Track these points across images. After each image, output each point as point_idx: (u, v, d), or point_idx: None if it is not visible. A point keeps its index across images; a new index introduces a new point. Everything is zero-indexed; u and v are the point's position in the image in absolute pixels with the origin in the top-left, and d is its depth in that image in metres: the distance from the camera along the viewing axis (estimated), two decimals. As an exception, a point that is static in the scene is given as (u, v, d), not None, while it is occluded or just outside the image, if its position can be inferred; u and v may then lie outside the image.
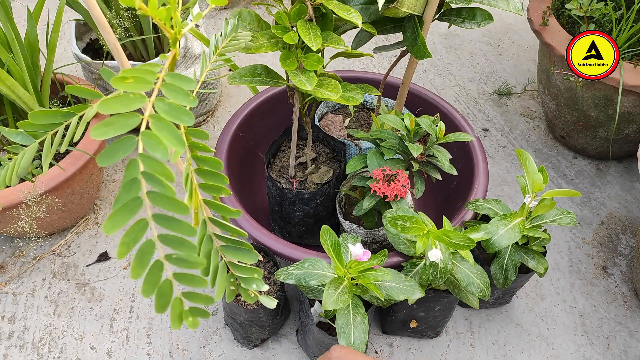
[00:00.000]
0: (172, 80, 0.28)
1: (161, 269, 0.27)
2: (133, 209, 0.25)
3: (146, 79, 0.27)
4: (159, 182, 0.25)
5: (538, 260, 0.79)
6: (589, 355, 0.92)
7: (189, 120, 0.27)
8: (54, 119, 0.33)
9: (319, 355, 0.84)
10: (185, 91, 0.27)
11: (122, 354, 0.90)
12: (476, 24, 0.74)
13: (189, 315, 0.30)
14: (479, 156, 0.94)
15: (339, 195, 0.89)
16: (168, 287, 0.28)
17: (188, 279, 0.29)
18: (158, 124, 0.26)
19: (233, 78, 0.69)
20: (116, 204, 0.25)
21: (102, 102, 0.25)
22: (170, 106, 0.27)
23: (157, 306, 0.28)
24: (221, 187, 0.34)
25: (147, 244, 0.26)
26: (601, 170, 1.22)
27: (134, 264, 0.26)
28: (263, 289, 0.40)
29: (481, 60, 1.51)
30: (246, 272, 0.40)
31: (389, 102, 1.03)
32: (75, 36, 1.13)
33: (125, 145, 0.25)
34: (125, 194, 0.25)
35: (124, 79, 0.26)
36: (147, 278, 0.27)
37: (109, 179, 1.17)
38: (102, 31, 0.44)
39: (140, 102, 0.26)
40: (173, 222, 0.26)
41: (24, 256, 1.03)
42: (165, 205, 0.26)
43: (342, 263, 0.65)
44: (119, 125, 0.25)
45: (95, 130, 0.25)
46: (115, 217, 0.25)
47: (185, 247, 0.27)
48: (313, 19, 0.64)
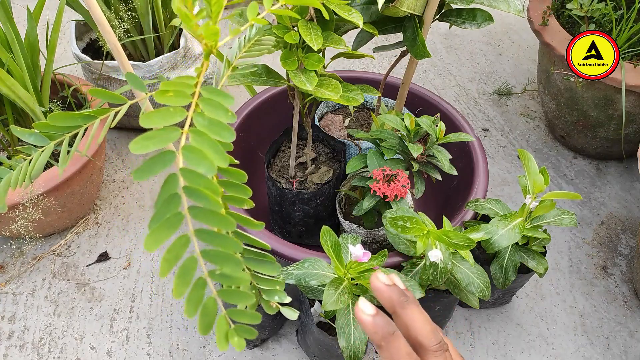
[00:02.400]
0: (210, 95, 0.27)
1: (204, 286, 0.26)
2: (174, 224, 0.24)
3: (185, 93, 0.26)
4: (204, 196, 0.24)
5: (538, 261, 0.79)
6: (589, 355, 0.92)
7: (230, 137, 0.26)
8: (74, 121, 0.32)
9: (319, 355, 0.84)
10: (224, 107, 0.27)
11: (122, 354, 0.90)
12: (476, 25, 0.74)
13: (234, 335, 0.28)
14: (479, 156, 0.94)
15: (339, 195, 0.89)
16: (212, 306, 0.27)
17: (234, 295, 0.28)
18: (199, 138, 0.25)
19: (233, 78, 0.69)
20: (154, 221, 0.24)
21: (144, 116, 0.25)
22: (210, 121, 0.26)
23: (201, 327, 0.26)
24: (244, 199, 0.33)
25: (189, 261, 0.25)
26: (601, 170, 1.22)
27: (177, 282, 0.25)
28: (285, 301, 0.39)
29: (481, 60, 1.51)
30: (269, 284, 0.40)
31: (389, 102, 1.03)
32: (75, 36, 1.13)
33: (164, 159, 0.25)
34: (165, 210, 0.24)
35: (165, 92, 0.26)
36: (190, 296, 0.26)
37: (109, 179, 1.17)
38: (102, 31, 0.44)
39: (180, 116, 0.25)
40: (217, 237, 0.25)
41: (24, 256, 1.03)
42: (210, 220, 0.25)
43: (342, 263, 0.65)
44: (160, 139, 0.25)
45: (135, 144, 0.24)
46: (156, 234, 0.24)
47: (230, 262, 0.25)
48: (314, 19, 0.64)
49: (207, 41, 0.30)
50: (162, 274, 0.24)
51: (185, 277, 0.25)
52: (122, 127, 1.26)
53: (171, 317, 0.95)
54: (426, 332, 0.35)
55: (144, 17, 1.08)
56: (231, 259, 0.26)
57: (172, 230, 0.24)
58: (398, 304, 0.36)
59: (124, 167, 1.20)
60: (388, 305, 0.36)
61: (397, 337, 0.34)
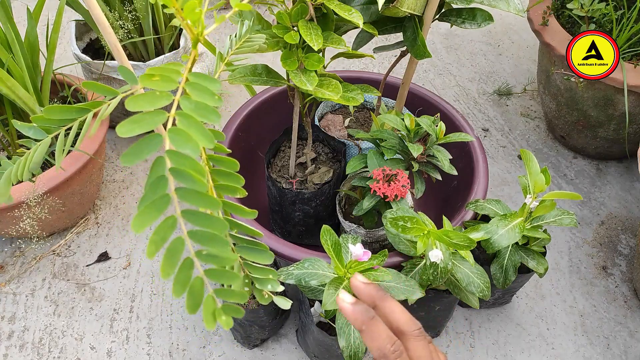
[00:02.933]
0: (197, 79, 0.28)
1: (191, 266, 0.27)
2: (161, 206, 0.25)
3: (172, 78, 0.27)
4: (190, 177, 0.25)
5: (538, 261, 0.79)
6: (589, 355, 0.92)
7: (216, 119, 0.26)
8: (69, 114, 0.32)
9: (319, 355, 0.84)
10: (211, 90, 0.27)
11: (122, 354, 0.90)
12: (476, 25, 0.74)
13: (221, 314, 0.29)
14: (479, 156, 0.94)
15: (339, 195, 0.89)
16: (199, 286, 0.27)
17: (220, 275, 0.28)
18: (185, 121, 0.26)
19: (233, 77, 0.69)
20: (142, 202, 0.24)
21: (130, 99, 0.25)
22: (196, 104, 0.26)
23: (189, 306, 0.27)
24: (237, 188, 0.33)
25: (176, 242, 0.26)
26: (601, 170, 1.22)
27: (164, 263, 0.25)
28: (278, 290, 0.39)
29: (481, 60, 1.51)
30: (261, 273, 0.40)
31: (389, 102, 1.03)
32: (75, 36, 1.13)
33: (151, 143, 0.25)
34: (152, 192, 0.25)
35: (150, 76, 0.26)
36: (178, 277, 0.26)
37: (109, 179, 1.17)
38: (102, 31, 0.44)
39: (166, 100, 0.26)
40: (203, 217, 0.26)
41: (24, 256, 1.03)
42: (196, 201, 0.25)
43: (342, 263, 0.65)
44: (146, 122, 0.25)
45: (122, 127, 0.24)
46: (143, 216, 0.24)
47: (217, 242, 0.26)
48: (314, 19, 0.64)
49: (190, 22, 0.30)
50: (149, 255, 0.24)
51: (173, 258, 0.25)
52: (122, 127, 1.26)
53: (171, 317, 0.95)
54: (405, 319, 0.38)
55: (144, 17, 1.08)
56: (218, 239, 0.26)
57: (159, 212, 0.24)
58: (377, 297, 0.39)
59: (124, 167, 1.20)
60: (368, 300, 0.39)
61: (376, 321, 0.37)
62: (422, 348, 0.36)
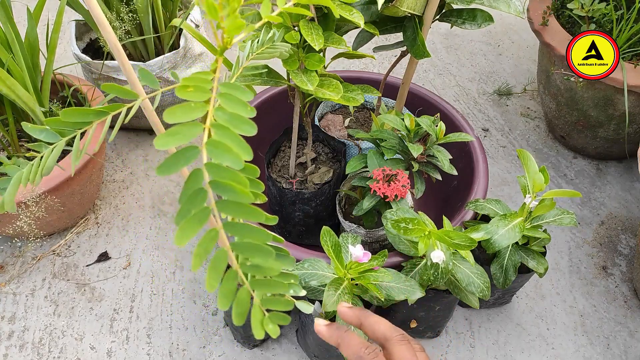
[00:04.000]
0: (228, 89, 0.27)
1: (236, 278, 0.27)
2: (201, 219, 0.24)
3: (205, 87, 0.26)
4: (232, 189, 0.24)
5: (538, 260, 0.79)
6: (589, 355, 0.92)
7: (251, 130, 0.26)
8: (87, 117, 0.32)
9: (319, 355, 0.84)
10: (243, 101, 0.27)
11: (122, 354, 0.90)
12: (476, 25, 0.74)
13: (269, 322, 0.29)
14: (479, 156, 0.94)
15: (339, 195, 0.89)
16: (246, 296, 0.27)
17: (266, 284, 0.28)
18: (221, 132, 0.25)
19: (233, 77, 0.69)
20: (181, 216, 0.24)
21: (168, 111, 0.25)
22: (231, 116, 0.26)
23: (236, 316, 0.27)
24: (257, 194, 0.33)
25: (219, 254, 0.26)
26: (601, 170, 1.22)
27: (209, 275, 0.25)
28: (301, 294, 0.39)
29: (481, 60, 1.51)
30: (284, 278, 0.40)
31: (389, 102, 1.03)
32: (75, 36, 1.13)
33: (187, 155, 0.25)
34: (190, 206, 0.24)
35: (185, 87, 0.26)
36: (223, 288, 0.26)
37: (109, 179, 1.17)
38: (102, 31, 0.44)
39: (201, 111, 0.26)
40: (246, 228, 0.26)
41: (23, 256, 1.03)
42: (239, 212, 0.25)
43: (342, 264, 0.65)
44: (184, 134, 0.25)
45: (159, 140, 0.24)
46: (184, 230, 0.24)
47: (261, 253, 0.26)
48: (315, 19, 0.64)
49: (227, 36, 0.30)
50: (194, 268, 0.24)
51: (217, 269, 0.25)
52: (121, 127, 1.26)
53: (171, 317, 0.95)
54: (388, 326, 0.42)
55: (144, 17, 1.08)
56: (261, 250, 0.26)
57: (200, 225, 0.24)
58: (361, 316, 0.43)
59: (124, 167, 1.20)
60: (354, 320, 0.44)
61: (349, 333, 0.42)
62: (406, 350, 0.40)
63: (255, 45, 0.52)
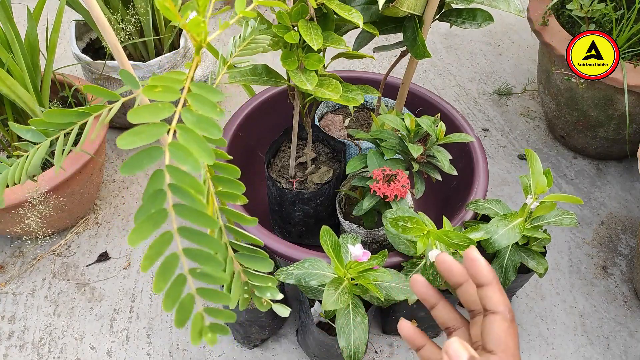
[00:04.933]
0: (199, 90, 0.27)
1: (183, 283, 0.27)
2: (158, 221, 0.25)
3: (174, 88, 0.26)
4: (188, 194, 0.25)
5: (538, 261, 0.78)
6: (589, 355, 0.92)
7: (217, 133, 0.26)
8: (69, 118, 0.32)
9: (319, 355, 0.84)
10: (212, 102, 0.27)
11: (122, 354, 0.90)
12: (476, 25, 0.74)
13: (208, 332, 0.29)
14: (479, 156, 0.94)
15: (339, 195, 0.89)
16: (189, 302, 0.27)
17: (212, 294, 0.28)
18: (186, 135, 0.25)
19: (233, 77, 0.69)
20: (139, 215, 0.24)
21: (132, 112, 0.25)
22: (198, 118, 0.26)
23: (177, 321, 0.27)
24: (238, 195, 0.33)
25: (170, 257, 0.26)
26: (601, 170, 1.22)
27: (157, 278, 0.25)
28: (277, 298, 0.39)
29: (481, 60, 1.51)
30: (261, 281, 0.40)
31: (389, 102, 1.03)
32: (75, 36, 1.13)
33: (151, 155, 0.25)
34: (150, 205, 0.24)
35: (153, 87, 0.26)
36: (169, 292, 0.26)
37: (109, 179, 1.17)
38: (102, 31, 0.44)
39: (168, 112, 0.26)
40: (200, 235, 0.26)
41: (24, 256, 1.03)
42: (193, 218, 0.25)
43: (342, 263, 0.65)
44: (147, 134, 0.25)
45: (122, 140, 0.24)
46: (140, 230, 0.24)
47: (211, 262, 0.26)
48: (314, 19, 0.64)
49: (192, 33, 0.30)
50: (143, 269, 0.25)
51: (166, 273, 0.25)
52: (121, 128, 1.26)
53: (171, 317, 0.95)
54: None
55: (144, 17, 1.08)
56: (212, 259, 0.26)
57: (155, 226, 0.25)
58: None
59: (124, 167, 1.20)
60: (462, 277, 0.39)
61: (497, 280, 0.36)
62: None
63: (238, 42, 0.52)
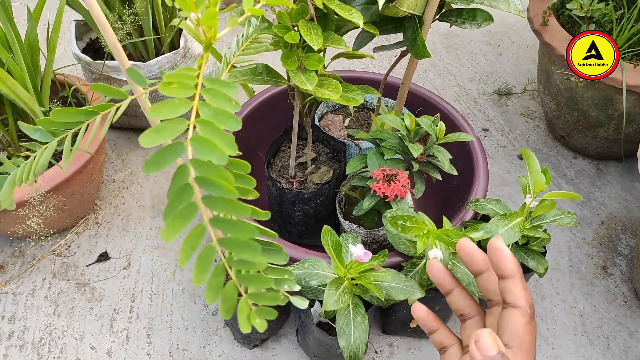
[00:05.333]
0: (213, 85, 0.27)
1: (223, 273, 0.27)
2: (188, 215, 0.25)
3: (188, 84, 0.26)
4: (217, 185, 0.25)
5: (538, 260, 0.78)
6: (589, 355, 0.92)
7: (236, 125, 0.26)
8: (77, 117, 0.32)
9: (319, 355, 0.84)
10: (228, 96, 0.27)
11: (122, 354, 0.90)
12: (476, 25, 0.74)
13: (256, 317, 0.29)
14: (479, 156, 0.94)
15: (339, 195, 0.89)
16: (233, 291, 0.27)
17: (252, 279, 0.28)
18: (206, 129, 0.25)
19: (234, 77, 0.69)
20: (168, 213, 0.24)
21: (152, 109, 0.25)
22: (215, 111, 0.26)
23: (223, 311, 0.27)
24: (249, 190, 0.33)
25: (206, 249, 0.26)
26: (601, 170, 1.22)
27: (196, 270, 0.25)
28: (295, 289, 0.39)
29: (481, 60, 1.51)
30: (277, 273, 0.40)
31: (389, 102, 1.03)
32: (75, 36, 1.13)
33: (173, 151, 0.25)
34: (177, 202, 0.24)
35: (169, 84, 0.26)
36: (210, 283, 0.26)
37: (109, 179, 1.17)
38: (102, 31, 0.44)
39: (185, 108, 0.26)
40: (232, 224, 0.26)
41: (23, 256, 1.03)
42: (225, 208, 0.25)
43: (342, 263, 0.65)
44: (169, 131, 0.25)
45: (144, 138, 0.24)
46: (171, 226, 0.24)
47: (247, 248, 0.26)
48: (314, 19, 0.64)
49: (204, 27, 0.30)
50: (181, 263, 0.25)
51: (204, 264, 0.26)
52: (121, 127, 1.26)
53: (171, 317, 0.95)
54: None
55: (144, 17, 1.08)
56: (248, 245, 0.26)
57: (187, 220, 0.25)
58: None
59: (124, 167, 1.20)
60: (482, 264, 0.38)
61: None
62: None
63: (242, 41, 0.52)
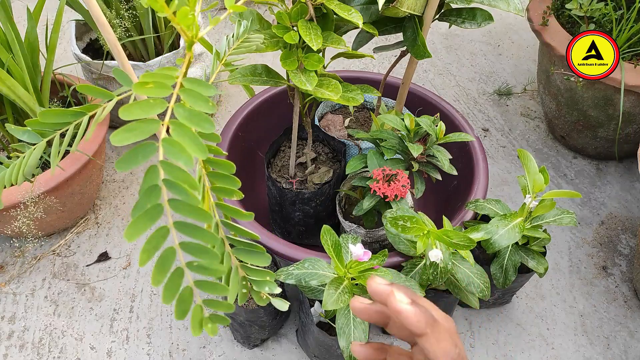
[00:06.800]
0: (191, 85, 0.27)
1: (182, 276, 0.27)
2: (153, 216, 0.25)
3: (166, 84, 0.27)
4: (182, 190, 0.25)
5: (538, 260, 0.78)
6: (589, 355, 0.92)
7: (210, 128, 0.26)
8: (64, 118, 0.32)
9: (319, 355, 0.84)
10: (205, 97, 0.27)
11: (122, 354, 0.90)
12: (476, 24, 0.74)
13: (208, 322, 0.30)
14: (479, 156, 0.94)
15: (339, 195, 0.89)
16: (188, 295, 0.28)
17: (209, 286, 0.29)
18: (179, 130, 0.25)
19: (234, 77, 0.69)
20: (135, 211, 0.25)
21: (123, 109, 0.25)
22: (190, 112, 0.26)
23: (177, 312, 0.28)
24: (234, 190, 0.33)
25: (168, 251, 0.26)
26: (601, 170, 1.22)
27: (155, 271, 0.26)
28: (276, 292, 0.39)
29: (481, 60, 1.51)
30: (259, 275, 0.40)
31: (389, 102, 1.03)
32: (75, 36, 1.13)
33: (145, 151, 0.25)
34: (145, 201, 0.25)
35: (144, 84, 0.26)
36: (168, 285, 0.27)
37: (109, 179, 1.17)
38: (102, 31, 0.44)
39: (160, 108, 0.26)
40: (195, 229, 0.26)
41: (23, 256, 1.03)
42: (188, 213, 0.25)
43: (342, 263, 0.65)
44: (140, 131, 0.25)
45: (116, 136, 0.25)
46: (136, 225, 0.25)
47: (207, 255, 0.27)
48: (314, 19, 0.64)
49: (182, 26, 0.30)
50: (141, 263, 0.25)
51: (164, 266, 0.26)
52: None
53: (171, 317, 0.95)
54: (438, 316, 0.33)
55: (144, 17, 1.08)
56: (208, 252, 0.26)
57: (152, 221, 0.25)
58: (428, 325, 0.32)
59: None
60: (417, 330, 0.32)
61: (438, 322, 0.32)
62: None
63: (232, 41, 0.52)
